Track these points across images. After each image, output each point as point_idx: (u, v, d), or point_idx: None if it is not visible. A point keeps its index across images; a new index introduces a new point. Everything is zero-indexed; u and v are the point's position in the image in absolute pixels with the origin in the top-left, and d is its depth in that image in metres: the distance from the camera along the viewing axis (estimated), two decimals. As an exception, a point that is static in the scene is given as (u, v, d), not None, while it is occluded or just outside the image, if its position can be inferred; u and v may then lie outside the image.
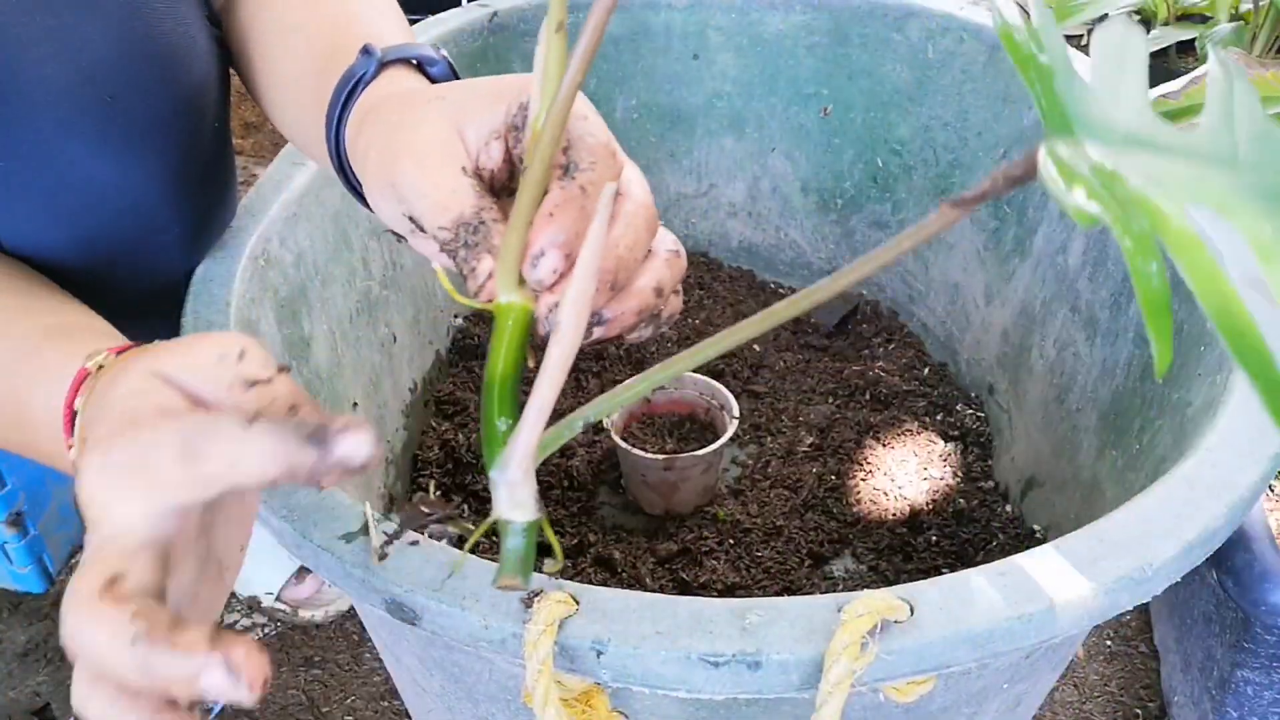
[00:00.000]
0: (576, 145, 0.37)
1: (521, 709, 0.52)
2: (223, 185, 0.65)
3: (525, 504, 0.35)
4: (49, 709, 0.88)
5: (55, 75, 0.50)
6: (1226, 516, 0.47)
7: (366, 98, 0.47)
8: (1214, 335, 0.61)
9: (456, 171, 0.38)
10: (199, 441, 0.30)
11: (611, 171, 0.37)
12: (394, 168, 0.39)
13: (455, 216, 0.37)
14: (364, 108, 0.46)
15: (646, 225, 0.37)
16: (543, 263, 0.35)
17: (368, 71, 0.47)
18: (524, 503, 0.35)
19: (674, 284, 0.39)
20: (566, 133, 0.37)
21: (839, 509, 0.88)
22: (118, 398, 0.35)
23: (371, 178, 0.41)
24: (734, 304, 1.13)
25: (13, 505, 0.92)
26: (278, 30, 0.58)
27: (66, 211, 0.54)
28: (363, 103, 0.47)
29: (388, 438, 0.86)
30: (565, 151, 0.36)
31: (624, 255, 0.36)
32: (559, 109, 0.35)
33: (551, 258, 0.35)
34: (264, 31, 0.59)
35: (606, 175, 0.37)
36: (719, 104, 1.10)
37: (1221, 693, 0.77)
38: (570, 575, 0.79)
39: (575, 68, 0.34)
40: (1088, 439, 0.76)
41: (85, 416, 0.40)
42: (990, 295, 0.97)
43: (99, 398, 0.38)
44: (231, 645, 0.28)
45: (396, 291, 0.90)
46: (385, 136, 0.41)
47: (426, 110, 0.40)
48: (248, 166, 1.51)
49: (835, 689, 0.41)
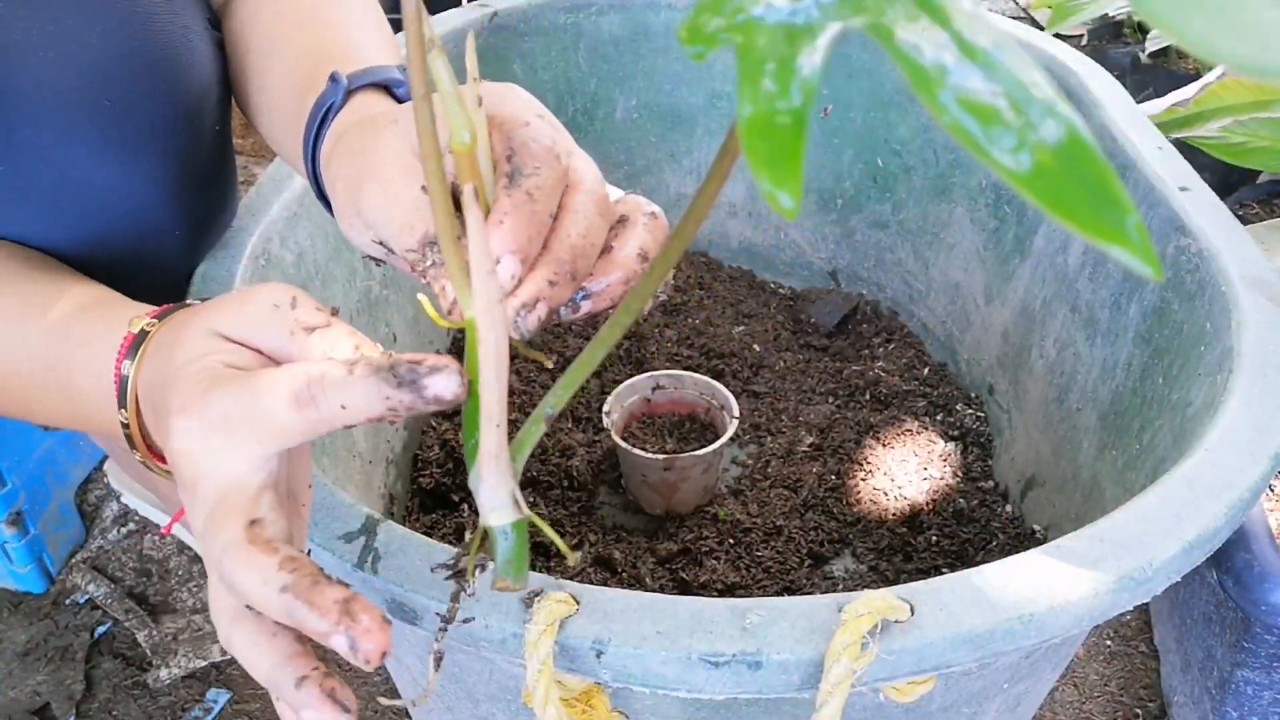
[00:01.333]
0: (519, 151, 0.37)
1: (522, 709, 0.52)
2: (224, 187, 0.65)
3: (503, 507, 0.36)
4: (49, 709, 0.88)
5: (56, 79, 0.50)
6: (1227, 516, 0.47)
7: (335, 127, 0.47)
8: (1213, 336, 0.61)
9: (417, 192, 0.38)
10: (311, 388, 0.33)
11: (556, 173, 0.37)
12: (359, 195, 0.40)
13: (421, 236, 0.38)
14: (333, 137, 0.47)
15: (599, 211, 0.38)
16: (500, 269, 0.35)
17: (335, 100, 0.48)
18: (501, 506, 0.36)
19: (657, 246, 0.40)
20: (508, 140, 0.37)
21: (839, 509, 0.88)
22: (184, 361, 0.36)
23: (340, 208, 0.42)
24: (734, 304, 1.13)
25: (13, 505, 0.92)
26: (266, 47, 0.58)
27: (67, 214, 0.54)
28: (332, 132, 0.47)
29: (388, 438, 0.86)
30: (509, 159, 0.37)
31: (578, 243, 0.37)
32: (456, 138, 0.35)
33: (508, 263, 0.35)
34: (254, 45, 0.59)
35: (552, 177, 0.37)
36: (719, 104, 1.10)
37: (1221, 693, 0.77)
38: (570, 575, 0.79)
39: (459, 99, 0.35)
40: (1088, 439, 0.76)
41: (144, 381, 0.42)
42: (990, 295, 0.97)
43: (159, 363, 0.40)
44: (358, 617, 0.31)
45: (396, 291, 0.91)
46: (349, 165, 0.42)
47: (384, 134, 0.41)
48: (248, 166, 1.51)
49: (836, 689, 0.41)
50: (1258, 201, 1.19)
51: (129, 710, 0.88)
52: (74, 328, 0.47)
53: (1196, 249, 0.66)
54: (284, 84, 0.55)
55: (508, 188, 0.36)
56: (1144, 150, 0.75)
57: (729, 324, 1.10)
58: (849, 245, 1.13)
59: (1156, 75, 1.56)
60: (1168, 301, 0.68)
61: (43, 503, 0.97)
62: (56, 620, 0.95)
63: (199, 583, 0.97)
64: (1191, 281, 0.66)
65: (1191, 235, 0.66)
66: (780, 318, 1.12)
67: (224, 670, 0.90)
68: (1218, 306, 0.61)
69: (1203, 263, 0.65)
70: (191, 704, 0.88)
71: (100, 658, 0.92)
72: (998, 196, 0.96)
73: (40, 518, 0.96)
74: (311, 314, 0.37)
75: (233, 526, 0.33)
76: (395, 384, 0.32)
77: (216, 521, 0.33)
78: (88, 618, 0.95)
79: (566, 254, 0.37)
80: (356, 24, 0.56)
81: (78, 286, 0.51)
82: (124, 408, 0.43)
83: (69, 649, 0.92)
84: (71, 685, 0.89)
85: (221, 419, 0.33)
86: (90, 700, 0.89)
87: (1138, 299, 0.72)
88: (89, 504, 1.04)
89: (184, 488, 0.35)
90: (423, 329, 0.96)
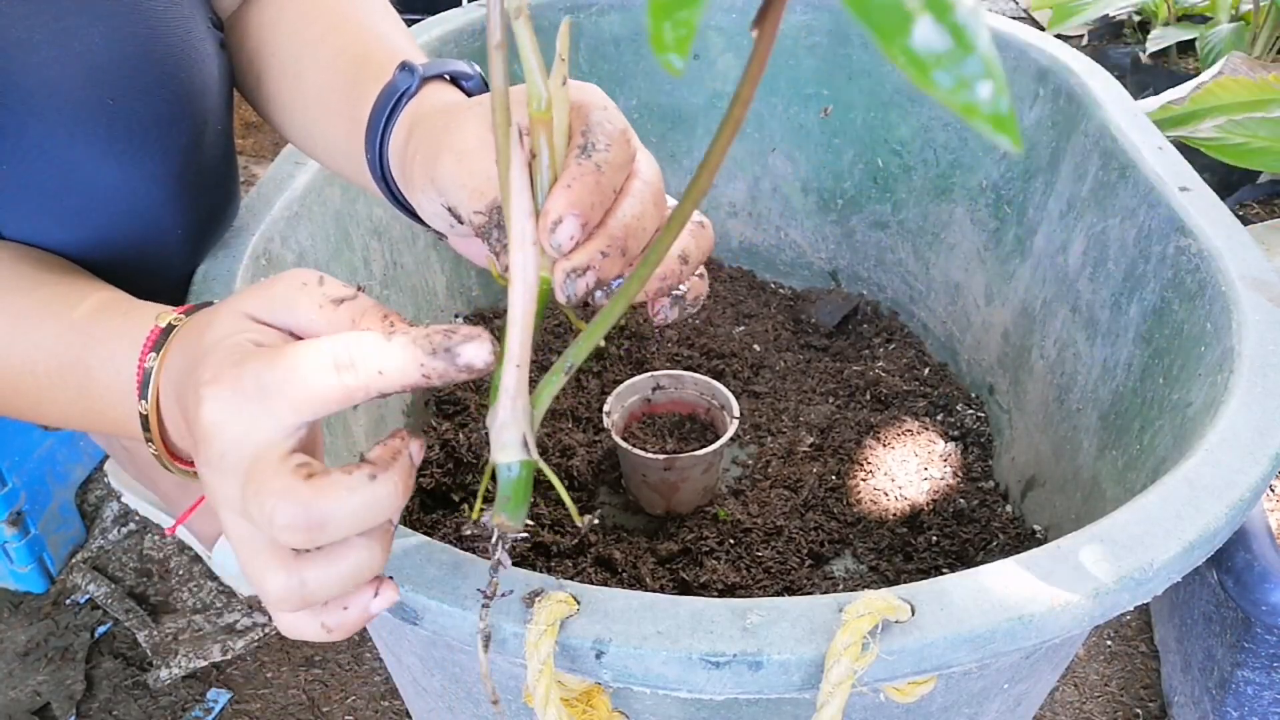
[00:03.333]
0: (594, 129, 0.39)
1: (522, 709, 0.53)
2: (226, 187, 0.65)
3: (511, 445, 0.37)
4: (49, 709, 0.88)
5: (58, 78, 0.50)
6: (1227, 516, 0.47)
7: (412, 110, 0.50)
8: (1213, 336, 0.61)
9: (490, 164, 0.42)
10: (350, 353, 0.34)
11: (626, 154, 0.40)
12: (435, 165, 0.43)
13: (489, 202, 0.41)
14: (410, 119, 0.50)
15: (654, 200, 0.41)
16: (561, 229, 0.37)
17: (410, 86, 0.50)
18: (510, 444, 0.37)
19: (700, 254, 0.42)
20: (585, 119, 0.40)
21: (839, 509, 0.88)
22: (214, 340, 0.37)
23: (417, 178, 0.46)
24: (734, 304, 1.13)
25: (14, 504, 0.92)
26: (295, 47, 0.60)
27: (70, 213, 0.54)
28: (408, 115, 0.50)
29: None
30: (584, 134, 0.39)
31: (631, 223, 0.40)
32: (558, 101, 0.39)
33: (569, 224, 0.37)
34: (280, 44, 0.61)
35: (621, 156, 0.40)
36: (720, 104, 1.10)
37: (1222, 693, 0.77)
38: (570, 575, 0.79)
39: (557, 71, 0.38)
40: (1088, 439, 0.76)
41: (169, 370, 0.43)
42: (991, 295, 0.97)
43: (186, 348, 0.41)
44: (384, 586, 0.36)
45: (397, 290, 0.91)
46: (430, 142, 0.45)
47: (466, 116, 0.44)
48: (248, 166, 1.51)
49: (836, 689, 0.41)
50: (1258, 202, 1.19)
51: (129, 710, 0.88)
52: (95, 326, 0.48)
53: (1197, 249, 0.66)
54: (326, 77, 0.58)
55: (579, 157, 0.39)
56: (1144, 150, 0.75)
57: (729, 324, 1.10)
58: (849, 245, 1.13)
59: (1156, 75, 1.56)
60: (1168, 302, 0.68)
61: (43, 502, 0.97)
62: (57, 620, 0.95)
63: (199, 583, 0.97)
64: (1192, 282, 0.66)
65: (1192, 235, 0.66)
66: (781, 318, 1.12)
67: (224, 670, 0.91)
68: (1218, 307, 0.61)
69: (1203, 263, 0.65)
70: (192, 704, 0.88)
71: (100, 658, 0.92)
72: (998, 197, 0.96)
73: (41, 517, 0.97)
74: (339, 288, 0.38)
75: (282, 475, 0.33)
76: (430, 351, 0.33)
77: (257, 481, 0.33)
78: (88, 618, 0.95)
79: (620, 230, 0.39)
80: (391, 29, 0.60)
81: (94, 288, 0.52)
82: (145, 399, 0.44)
83: (69, 649, 0.92)
84: (72, 685, 0.89)
85: (256, 387, 0.34)
86: (90, 700, 0.89)
87: (1138, 299, 0.72)
88: (89, 504, 1.04)
89: (209, 463, 0.35)
90: (423, 329, 0.96)
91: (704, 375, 0.92)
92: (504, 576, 0.45)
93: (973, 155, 0.99)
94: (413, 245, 0.94)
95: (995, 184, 0.96)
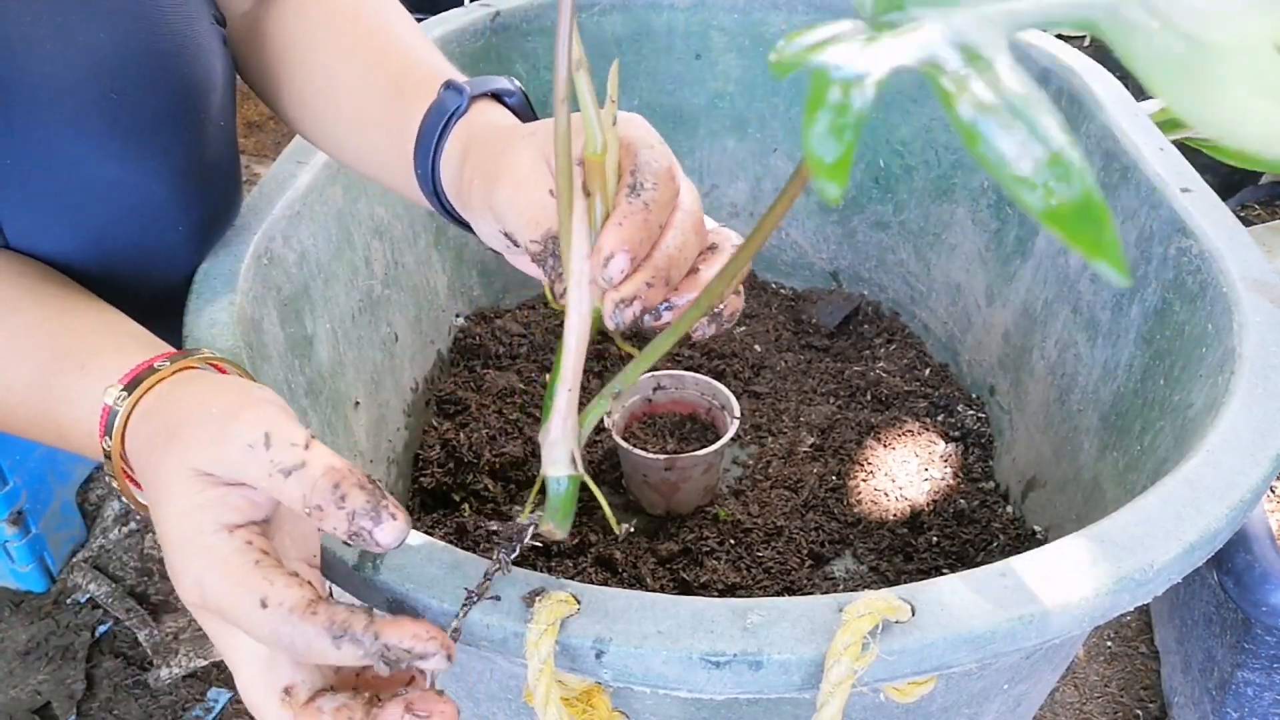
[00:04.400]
0: (642, 169, 0.42)
1: (523, 708, 0.53)
2: (228, 184, 0.65)
3: (560, 461, 0.41)
4: (50, 708, 0.88)
5: (61, 74, 0.50)
6: (1228, 518, 0.47)
7: (462, 131, 0.52)
8: (1214, 338, 0.61)
9: (545, 194, 0.45)
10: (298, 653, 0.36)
11: (671, 192, 0.43)
12: (493, 193, 0.46)
13: (545, 230, 0.44)
14: (463, 141, 0.52)
15: (695, 231, 0.44)
16: (612, 264, 0.40)
17: (460, 106, 0.53)
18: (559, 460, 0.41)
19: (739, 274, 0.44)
20: (634, 158, 0.43)
21: (840, 509, 0.88)
22: (173, 513, 0.38)
23: (475, 203, 0.49)
24: (735, 304, 1.13)
25: (15, 504, 0.92)
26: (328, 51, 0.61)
27: (72, 210, 0.54)
28: (460, 135, 0.52)
29: (389, 437, 0.86)
30: (633, 173, 0.42)
31: (674, 254, 0.43)
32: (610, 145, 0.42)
33: (620, 259, 0.40)
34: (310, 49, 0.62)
35: (667, 194, 0.42)
36: (721, 104, 1.10)
37: (1222, 694, 0.77)
38: (571, 575, 0.79)
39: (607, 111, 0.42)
40: (1089, 440, 0.76)
41: (133, 448, 0.44)
42: (992, 296, 0.97)
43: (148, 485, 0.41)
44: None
45: (398, 290, 0.91)
46: (486, 169, 0.48)
47: (522, 145, 0.47)
48: (250, 165, 1.51)
49: (836, 689, 0.41)
50: (1259, 203, 1.19)
51: (130, 709, 0.88)
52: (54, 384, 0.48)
53: (1198, 250, 0.66)
54: (361, 86, 0.59)
55: (629, 197, 0.42)
56: (1146, 152, 0.75)
57: (730, 324, 1.10)
58: (850, 246, 1.13)
59: (1158, 77, 1.56)
60: (1169, 303, 0.68)
61: (44, 502, 0.97)
62: (57, 619, 0.95)
63: (200, 582, 0.98)
64: (1193, 283, 0.66)
65: (1193, 236, 0.66)
66: (781, 318, 1.12)
67: (225, 670, 0.91)
68: (1219, 308, 0.61)
69: (1204, 264, 0.65)
70: (192, 703, 0.88)
71: (101, 657, 0.92)
72: (999, 198, 0.96)
73: (41, 517, 0.97)
74: (286, 452, 0.38)
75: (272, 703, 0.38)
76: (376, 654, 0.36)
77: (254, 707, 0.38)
78: (89, 617, 0.95)
79: (664, 262, 0.42)
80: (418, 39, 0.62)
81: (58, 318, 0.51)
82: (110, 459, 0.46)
83: (70, 648, 0.92)
84: (72, 684, 0.89)
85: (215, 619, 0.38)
86: (91, 699, 0.89)
87: (1139, 300, 0.72)
88: (90, 503, 1.05)
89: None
90: (424, 329, 0.97)
91: (705, 375, 0.92)
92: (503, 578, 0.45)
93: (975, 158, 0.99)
94: (414, 245, 0.94)
95: (996, 185, 0.96)
